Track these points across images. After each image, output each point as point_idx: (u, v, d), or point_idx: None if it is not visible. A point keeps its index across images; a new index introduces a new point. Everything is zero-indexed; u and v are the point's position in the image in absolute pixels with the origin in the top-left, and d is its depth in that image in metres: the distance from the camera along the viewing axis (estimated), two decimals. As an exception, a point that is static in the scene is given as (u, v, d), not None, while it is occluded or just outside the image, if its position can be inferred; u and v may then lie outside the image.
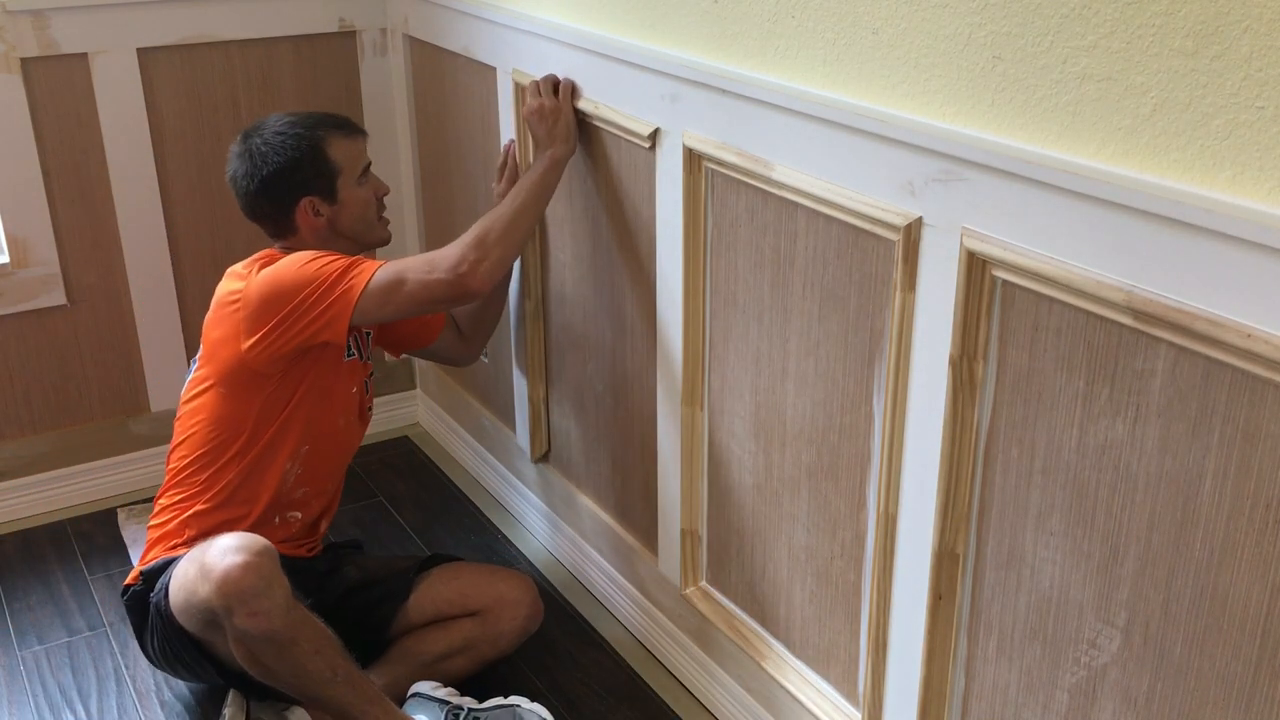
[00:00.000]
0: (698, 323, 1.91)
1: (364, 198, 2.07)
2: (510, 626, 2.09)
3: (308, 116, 2.05)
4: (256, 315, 1.92)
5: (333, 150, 2.02)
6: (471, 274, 1.90)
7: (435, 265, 1.92)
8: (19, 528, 2.66)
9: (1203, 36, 1.08)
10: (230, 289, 1.97)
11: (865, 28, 1.46)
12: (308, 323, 1.91)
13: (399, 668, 2.05)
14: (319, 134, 2.01)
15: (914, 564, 1.56)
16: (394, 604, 2.08)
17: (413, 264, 1.93)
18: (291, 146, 2.00)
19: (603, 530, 2.36)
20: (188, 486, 2.03)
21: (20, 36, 2.42)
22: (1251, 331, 1.08)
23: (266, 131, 2.02)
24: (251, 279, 1.94)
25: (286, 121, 2.03)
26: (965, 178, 1.35)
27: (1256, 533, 1.14)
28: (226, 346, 1.96)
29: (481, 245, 1.93)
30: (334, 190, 2.03)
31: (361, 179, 2.06)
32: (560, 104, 2.04)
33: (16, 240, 2.53)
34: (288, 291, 1.90)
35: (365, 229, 2.09)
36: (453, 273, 1.90)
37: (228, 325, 1.95)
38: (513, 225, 1.97)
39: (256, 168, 2.00)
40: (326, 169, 2.01)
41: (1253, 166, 1.07)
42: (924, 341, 1.46)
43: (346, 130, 2.05)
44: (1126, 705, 1.32)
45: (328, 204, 2.03)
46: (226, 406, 2.00)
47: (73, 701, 2.14)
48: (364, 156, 2.07)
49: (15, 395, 2.64)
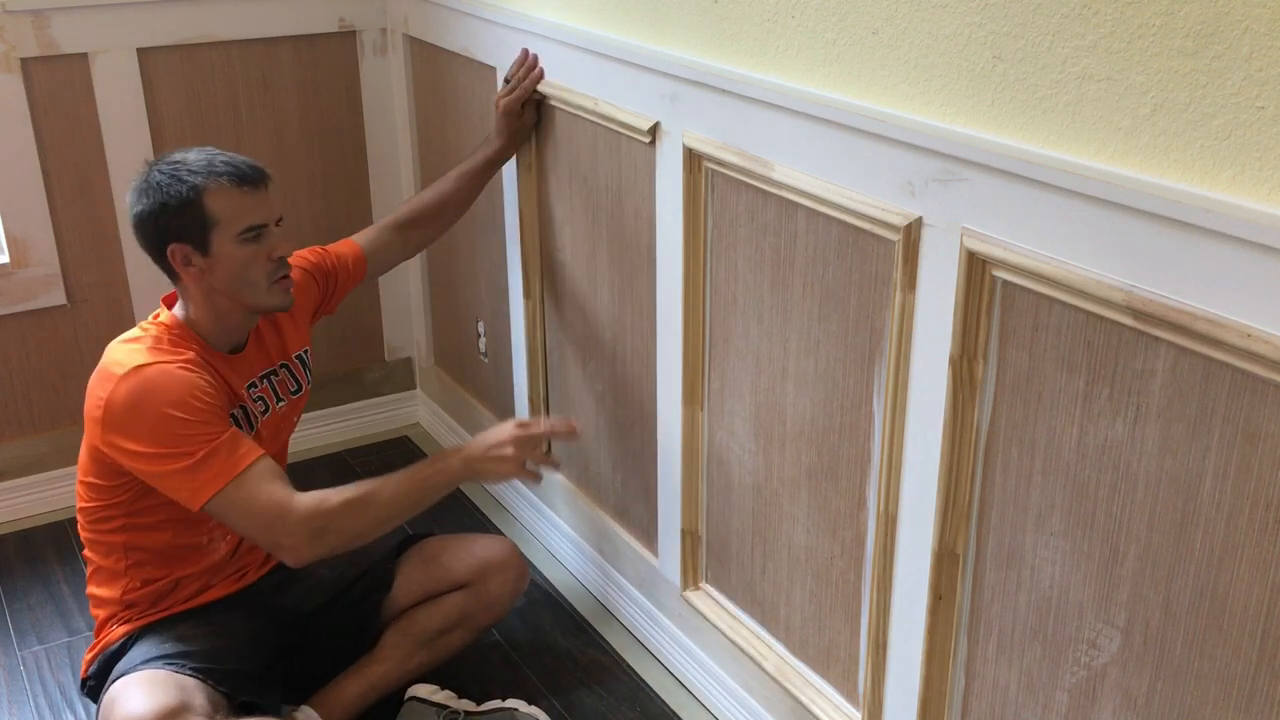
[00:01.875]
0: (698, 323, 1.91)
1: (243, 257, 1.82)
2: (501, 591, 2.10)
3: (209, 161, 1.82)
4: (114, 426, 1.77)
5: (211, 200, 1.79)
6: (291, 554, 1.78)
7: (268, 523, 1.76)
8: (19, 528, 2.66)
9: (1203, 36, 1.08)
10: (108, 367, 1.81)
11: (865, 28, 1.46)
12: (155, 475, 1.77)
13: (398, 651, 2.05)
14: (201, 181, 1.80)
15: (914, 564, 1.56)
16: (379, 594, 2.07)
17: (260, 503, 1.76)
18: (167, 187, 1.80)
19: (603, 530, 2.36)
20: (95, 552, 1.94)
21: (20, 36, 2.42)
22: (1251, 331, 1.08)
23: (165, 165, 1.83)
24: (123, 381, 1.77)
25: (183, 160, 1.83)
26: (965, 178, 1.35)
27: (1256, 533, 1.14)
28: (89, 422, 1.82)
29: (321, 534, 1.77)
30: (206, 242, 1.81)
31: (245, 236, 1.82)
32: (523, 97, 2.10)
33: (16, 240, 2.53)
34: (143, 429, 1.75)
35: (246, 290, 1.85)
36: (275, 544, 1.78)
37: (91, 405, 1.81)
38: (371, 518, 1.82)
39: (136, 199, 1.84)
40: (198, 218, 1.80)
41: (1253, 166, 1.07)
42: (924, 341, 1.46)
43: (240, 181, 1.82)
44: (1126, 705, 1.32)
45: (199, 255, 1.82)
46: (97, 484, 1.87)
47: (73, 702, 2.14)
48: (255, 214, 1.83)
49: (15, 395, 2.64)
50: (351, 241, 2.22)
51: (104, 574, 1.94)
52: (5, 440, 2.66)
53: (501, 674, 2.18)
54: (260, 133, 2.73)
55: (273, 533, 1.77)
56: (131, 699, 1.73)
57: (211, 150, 1.86)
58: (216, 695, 1.80)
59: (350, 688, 2.01)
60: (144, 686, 1.75)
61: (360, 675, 2.03)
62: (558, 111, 2.16)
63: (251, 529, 1.79)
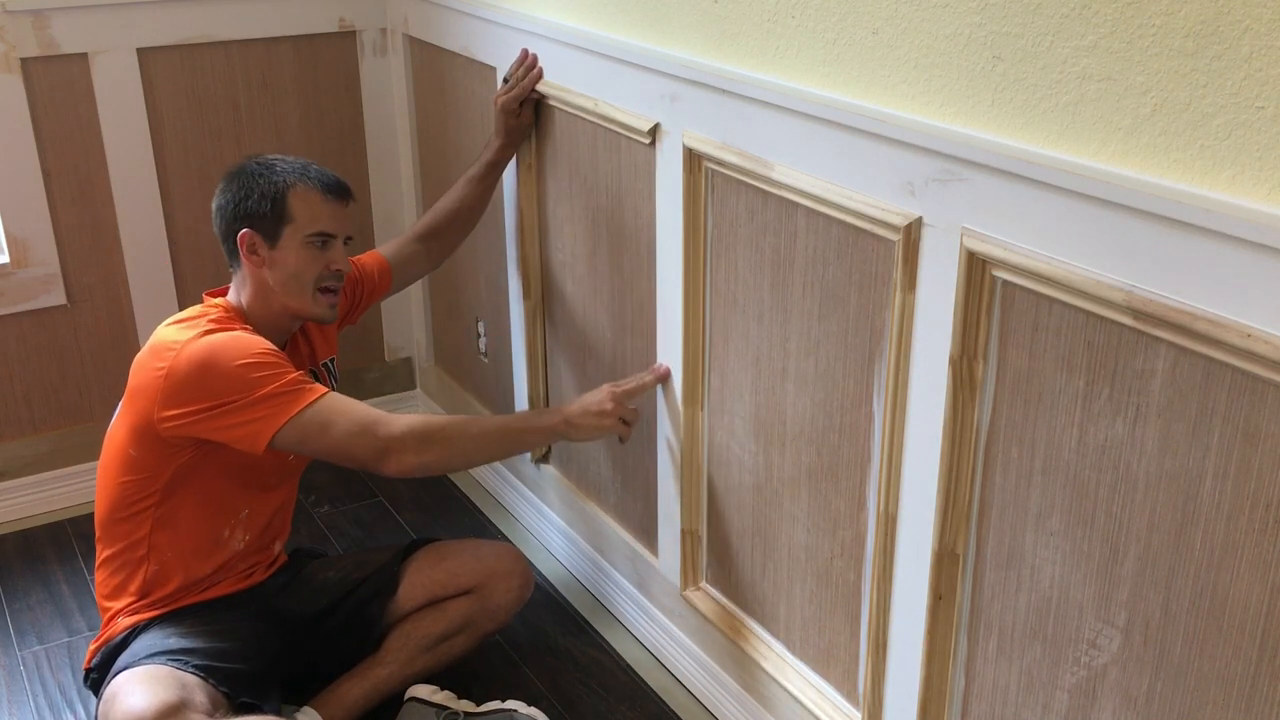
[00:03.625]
0: (698, 323, 1.91)
1: (304, 258, 1.91)
2: (505, 599, 2.11)
3: (304, 166, 1.94)
4: (176, 392, 1.81)
5: (295, 197, 1.90)
6: (397, 461, 1.83)
7: (370, 429, 1.82)
8: (19, 528, 2.66)
9: (1203, 36, 1.08)
10: (165, 341, 1.85)
11: (865, 28, 1.46)
12: (224, 426, 1.81)
13: (401, 654, 2.05)
14: (292, 179, 1.91)
15: (914, 564, 1.56)
16: (383, 599, 2.08)
17: (350, 415, 1.83)
18: (258, 176, 1.91)
19: (603, 530, 2.36)
20: (113, 542, 1.96)
21: (20, 36, 2.42)
22: (1251, 331, 1.08)
23: (264, 160, 1.94)
24: (185, 346, 1.82)
25: (279, 160, 1.94)
26: (965, 178, 1.35)
27: (1256, 533, 1.14)
28: (141, 402, 1.85)
29: (427, 440, 1.85)
30: (277, 235, 1.90)
31: (313, 239, 1.91)
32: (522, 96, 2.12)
33: (16, 240, 2.53)
34: (215, 384, 1.80)
35: (296, 292, 1.93)
36: (382, 449, 1.82)
37: (148, 382, 1.84)
38: (469, 443, 1.93)
39: (229, 184, 1.93)
40: (277, 210, 1.89)
41: (1253, 166, 1.07)
42: (924, 341, 1.46)
43: (324, 189, 1.92)
44: (1126, 705, 1.32)
45: (266, 246, 1.90)
46: (136, 467, 1.89)
47: (73, 702, 2.14)
48: (329, 222, 1.93)
49: (15, 395, 2.64)
50: (377, 254, 2.27)
51: (119, 566, 1.96)
52: (5, 440, 2.66)
53: (501, 674, 2.18)
54: (260, 133, 2.73)
55: (375, 436, 1.83)
56: (132, 694, 1.73)
57: (303, 160, 1.96)
58: (217, 694, 1.80)
59: (352, 690, 2.02)
60: (145, 682, 1.76)
61: (362, 678, 2.03)
62: (557, 112, 2.16)
63: (348, 439, 1.82)
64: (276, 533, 2.11)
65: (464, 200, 2.30)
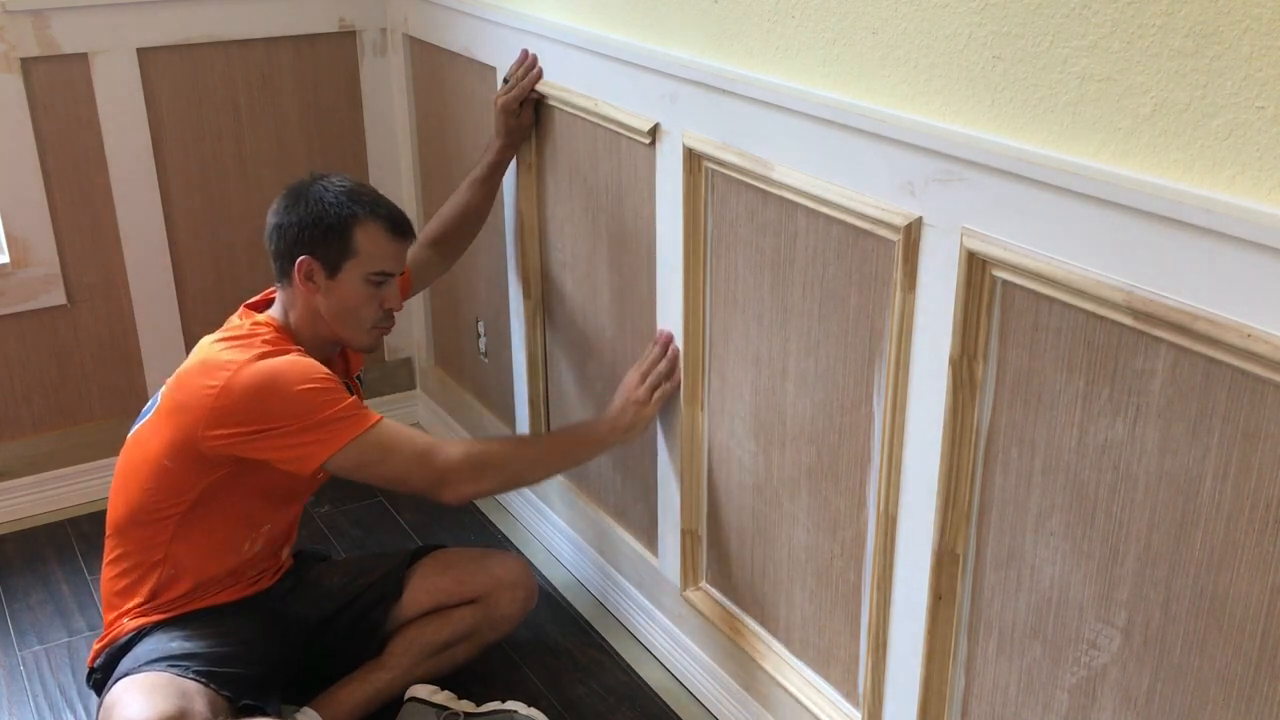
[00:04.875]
0: (698, 323, 1.91)
1: (362, 295, 1.92)
2: (510, 610, 2.12)
3: (375, 199, 1.94)
4: (229, 412, 1.80)
5: (361, 233, 1.89)
6: (451, 490, 1.87)
7: (427, 459, 1.86)
8: (19, 528, 2.66)
9: (1203, 36, 1.08)
10: (219, 360, 1.83)
11: (865, 28, 1.46)
12: (276, 446, 1.81)
13: (404, 660, 2.05)
14: (360, 211, 1.90)
15: (914, 564, 1.56)
16: (388, 604, 2.08)
17: (406, 443, 1.86)
18: (328, 203, 1.89)
19: (603, 531, 2.36)
20: (128, 544, 1.96)
21: (20, 36, 2.42)
22: (1251, 331, 1.08)
23: (332, 184, 1.92)
24: (243, 368, 1.81)
25: (352, 188, 1.93)
26: (965, 178, 1.35)
27: (1256, 533, 1.14)
28: (187, 417, 1.84)
29: (483, 469, 1.88)
30: (338, 267, 1.90)
31: (374, 278, 1.92)
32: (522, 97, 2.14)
33: (16, 240, 2.53)
34: (274, 407, 1.80)
35: (348, 325, 1.94)
36: (438, 479, 1.86)
37: (197, 399, 1.83)
38: (524, 469, 1.99)
39: (294, 204, 1.91)
40: (342, 243, 1.89)
41: (1253, 166, 1.07)
42: (924, 341, 1.46)
43: (391, 227, 1.92)
44: (1126, 705, 1.32)
45: (325, 276, 1.90)
46: (168, 477, 1.89)
47: (73, 701, 2.14)
48: (391, 262, 1.93)
49: (15, 395, 2.64)
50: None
51: (132, 567, 1.95)
52: (5, 440, 2.66)
53: (501, 674, 2.18)
54: (260, 133, 2.73)
55: (432, 467, 1.86)
56: (131, 704, 1.73)
57: (372, 191, 1.96)
58: (218, 699, 1.80)
59: (353, 693, 2.02)
60: (144, 692, 1.75)
61: (364, 681, 2.03)
62: (557, 112, 2.16)
63: (404, 467, 1.86)
64: (285, 539, 2.11)
65: (469, 203, 2.30)
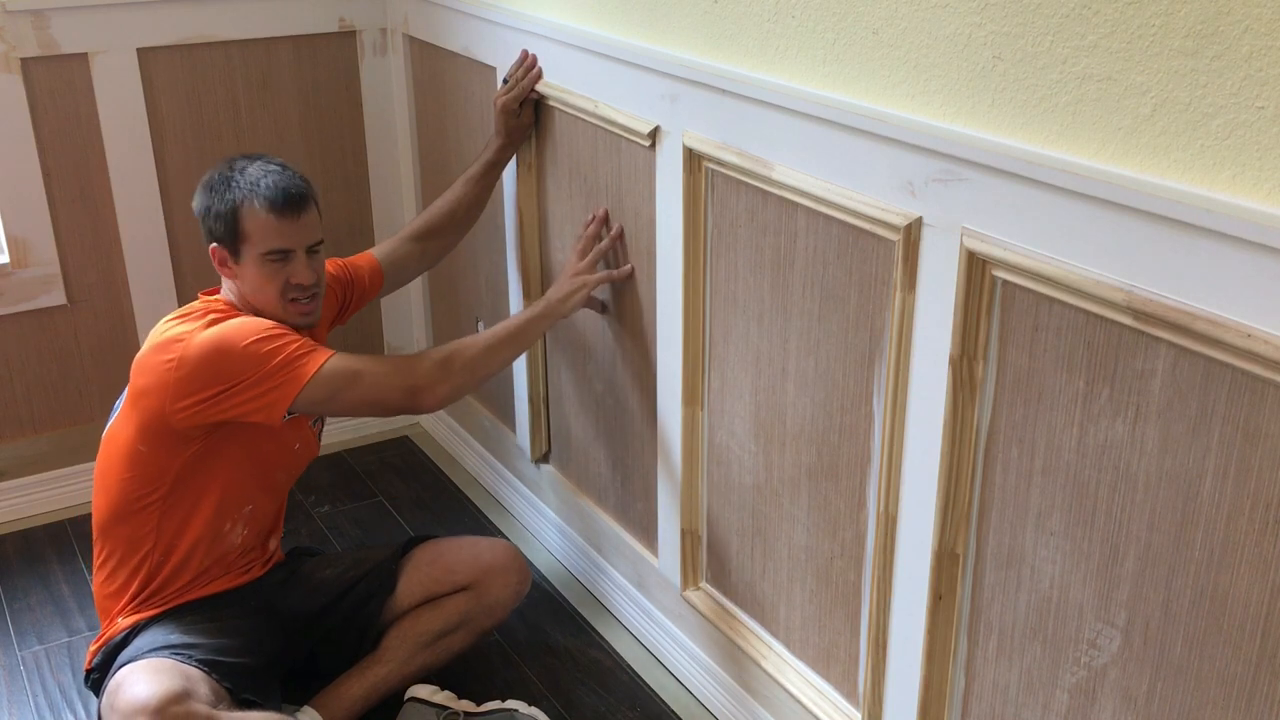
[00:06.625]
0: (698, 323, 1.91)
1: (265, 273, 1.89)
2: (503, 595, 2.12)
3: (257, 179, 1.88)
4: (190, 379, 1.82)
5: (246, 217, 1.87)
6: (428, 394, 1.91)
7: (400, 369, 1.91)
8: (19, 528, 2.66)
9: (1203, 36, 1.08)
10: (170, 335, 1.86)
11: (865, 28, 1.46)
12: (241, 402, 1.83)
13: (399, 652, 2.05)
14: (239, 195, 1.87)
15: (914, 564, 1.56)
16: (381, 597, 2.08)
17: (371, 364, 1.90)
18: (219, 191, 1.89)
19: (603, 531, 2.36)
20: (114, 542, 1.96)
21: (20, 36, 2.42)
22: (1251, 331, 1.08)
23: (226, 170, 1.91)
24: (193, 336, 1.83)
25: (240, 170, 1.90)
26: (965, 178, 1.35)
27: (1256, 533, 1.14)
28: (152, 398, 1.85)
29: (447, 367, 1.92)
30: (238, 252, 1.90)
31: (270, 257, 1.88)
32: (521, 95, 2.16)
33: (16, 240, 2.53)
34: (229, 366, 1.82)
35: (266, 304, 1.92)
36: (414, 385, 1.90)
37: (157, 377, 1.84)
38: (484, 356, 1.98)
39: (199, 195, 1.93)
40: (232, 229, 1.88)
41: (1253, 166, 1.07)
42: (924, 341, 1.46)
43: (273, 207, 1.87)
44: (1126, 705, 1.32)
45: (232, 260, 1.91)
46: (143, 463, 1.90)
47: (73, 701, 2.14)
48: (282, 239, 1.88)
49: (15, 395, 2.64)
50: (370, 255, 2.27)
51: (119, 565, 1.96)
52: (5, 440, 2.66)
53: (501, 674, 2.18)
54: (260, 133, 2.73)
55: (406, 374, 1.91)
56: (136, 684, 1.74)
57: (268, 165, 1.93)
58: (219, 688, 1.81)
59: (352, 689, 2.02)
60: (148, 672, 1.77)
61: (362, 676, 2.03)
62: (557, 112, 2.16)
63: (378, 382, 1.89)
64: (272, 529, 2.12)
65: (461, 200, 2.30)
